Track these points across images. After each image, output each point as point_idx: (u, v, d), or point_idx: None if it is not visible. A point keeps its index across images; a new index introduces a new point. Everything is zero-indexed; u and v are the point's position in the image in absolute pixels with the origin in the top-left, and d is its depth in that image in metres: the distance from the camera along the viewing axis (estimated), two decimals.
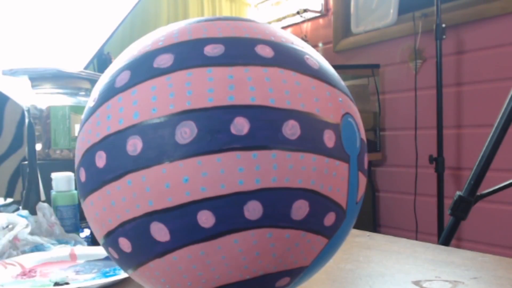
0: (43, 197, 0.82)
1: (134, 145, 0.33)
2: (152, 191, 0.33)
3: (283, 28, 2.69)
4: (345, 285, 0.52)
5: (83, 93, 1.03)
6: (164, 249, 0.34)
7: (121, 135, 0.34)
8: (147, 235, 0.34)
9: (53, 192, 0.77)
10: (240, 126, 0.32)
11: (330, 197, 0.35)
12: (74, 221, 0.76)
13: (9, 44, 1.22)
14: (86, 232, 0.82)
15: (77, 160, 0.39)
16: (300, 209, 0.33)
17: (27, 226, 0.67)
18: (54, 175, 0.78)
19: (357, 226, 0.63)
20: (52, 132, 0.96)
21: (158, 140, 0.32)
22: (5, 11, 1.21)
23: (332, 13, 2.48)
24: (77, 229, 0.77)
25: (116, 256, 0.37)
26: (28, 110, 0.81)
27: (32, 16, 1.25)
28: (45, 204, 0.73)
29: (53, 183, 0.77)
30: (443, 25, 1.78)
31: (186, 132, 0.32)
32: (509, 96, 1.05)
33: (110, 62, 1.76)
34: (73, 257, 0.65)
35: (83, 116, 0.39)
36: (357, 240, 0.73)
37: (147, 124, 0.33)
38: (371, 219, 2.18)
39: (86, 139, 0.37)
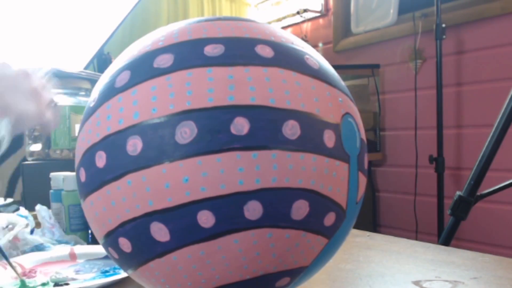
0: None
1: (134, 145, 0.33)
2: (152, 191, 0.33)
3: (283, 28, 2.69)
4: (345, 285, 0.52)
5: (83, 93, 1.03)
6: (164, 249, 0.34)
7: (121, 135, 0.34)
8: (147, 235, 0.34)
9: (63, 192, 0.77)
10: (240, 126, 0.32)
11: (330, 197, 0.35)
12: (84, 220, 0.76)
13: (9, 44, 1.22)
14: None
15: (77, 160, 0.39)
16: (300, 209, 0.33)
17: (26, 226, 0.67)
18: (57, 174, 0.78)
19: (357, 226, 0.63)
20: (52, 132, 0.96)
21: (158, 140, 0.33)
22: (5, 10, 1.21)
23: (332, 13, 2.48)
24: (87, 228, 0.77)
25: (116, 256, 0.37)
26: None
27: (32, 16, 1.25)
28: (44, 207, 0.73)
29: (64, 183, 0.77)
30: (443, 25, 1.78)
31: (186, 132, 0.32)
32: (509, 96, 1.05)
33: (110, 62, 1.76)
34: (73, 256, 0.65)
35: (83, 116, 0.39)
36: (357, 240, 0.73)
37: (147, 124, 0.33)
38: (371, 219, 2.18)
39: (86, 139, 0.37)
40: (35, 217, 0.73)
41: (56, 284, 0.53)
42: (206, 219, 0.32)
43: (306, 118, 0.34)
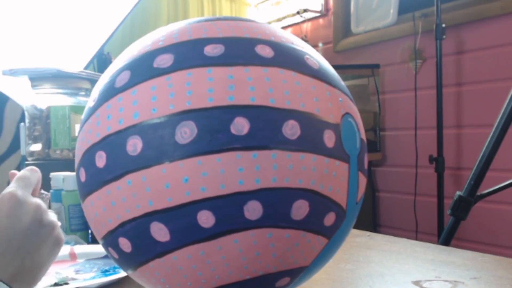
0: None
1: (134, 145, 0.33)
2: (152, 191, 0.33)
3: (283, 28, 2.68)
4: (345, 285, 0.52)
5: (83, 93, 1.03)
6: (164, 249, 0.34)
7: (121, 135, 0.34)
8: (147, 235, 0.34)
9: (63, 192, 0.77)
10: (240, 126, 0.32)
11: (330, 197, 0.35)
12: (84, 220, 0.76)
13: (9, 44, 1.22)
14: None
15: (77, 160, 0.39)
16: (300, 209, 0.33)
17: None
18: (57, 174, 0.78)
19: (357, 226, 0.63)
20: (52, 132, 0.96)
21: (158, 140, 0.32)
22: (5, 11, 1.21)
23: (332, 13, 2.48)
24: (87, 228, 0.77)
25: (116, 256, 0.37)
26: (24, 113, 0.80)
27: (32, 16, 1.25)
28: None
29: (64, 183, 0.77)
30: (443, 25, 1.78)
31: (186, 132, 0.32)
32: (509, 96, 1.04)
33: (110, 62, 1.76)
34: (73, 256, 0.65)
35: (83, 116, 0.39)
36: (357, 240, 0.73)
37: (147, 124, 0.33)
38: (371, 219, 2.18)
39: (86, 139, 0.37)
40: None
41: (56, 284, 0.53)
42: (206, 219, 0.32)
43: (306, 118, 0.34)
